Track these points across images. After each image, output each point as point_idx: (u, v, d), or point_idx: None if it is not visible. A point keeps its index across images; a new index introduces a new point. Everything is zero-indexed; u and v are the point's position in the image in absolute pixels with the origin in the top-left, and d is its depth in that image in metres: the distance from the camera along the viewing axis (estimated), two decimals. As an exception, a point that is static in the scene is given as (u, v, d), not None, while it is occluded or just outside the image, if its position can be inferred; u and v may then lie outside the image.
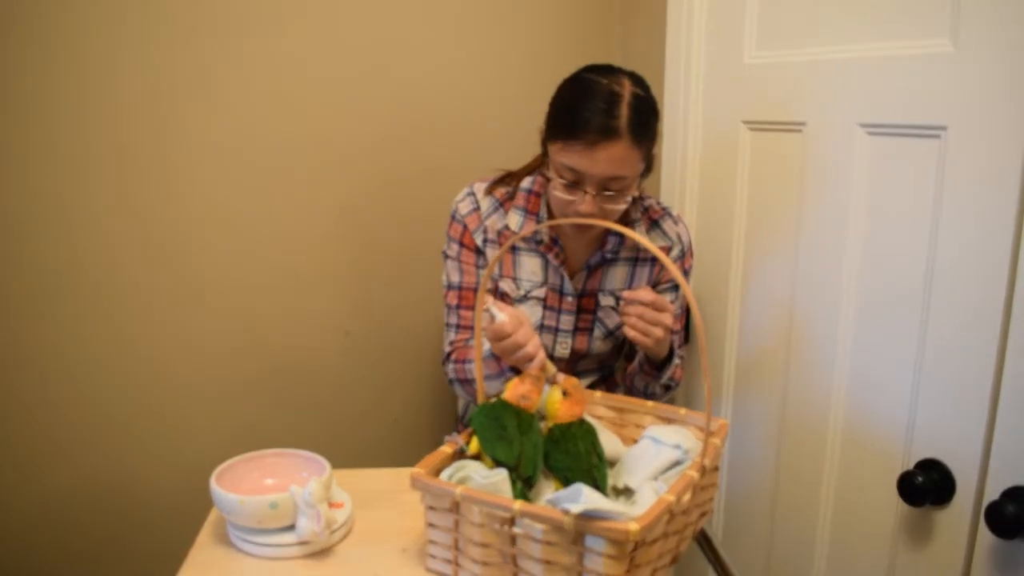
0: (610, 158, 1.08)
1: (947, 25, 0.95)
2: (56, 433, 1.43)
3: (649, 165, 1.17)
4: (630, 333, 1.15)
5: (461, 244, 1.28)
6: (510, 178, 1.29)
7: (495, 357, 1.14)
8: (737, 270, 1.39)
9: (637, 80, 1.14)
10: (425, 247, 1.62)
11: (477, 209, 1.27)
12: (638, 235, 0.88)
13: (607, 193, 1.12)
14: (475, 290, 1.28)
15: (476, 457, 0.99)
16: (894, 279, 1.05)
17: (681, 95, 1.48)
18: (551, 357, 1.29)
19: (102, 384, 1.45)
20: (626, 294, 1.16)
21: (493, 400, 1.00)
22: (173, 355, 1.49)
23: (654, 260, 1.30)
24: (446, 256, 1.30)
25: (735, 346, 1.41)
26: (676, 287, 1.31)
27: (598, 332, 1.30)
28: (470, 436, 1.01)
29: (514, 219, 1.26)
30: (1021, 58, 0.86)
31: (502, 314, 1.05)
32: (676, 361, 1.29)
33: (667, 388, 1.32)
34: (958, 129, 0.94)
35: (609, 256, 1.27)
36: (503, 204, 1.27)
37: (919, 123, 1.00)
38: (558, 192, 1.15)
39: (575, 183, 1.12)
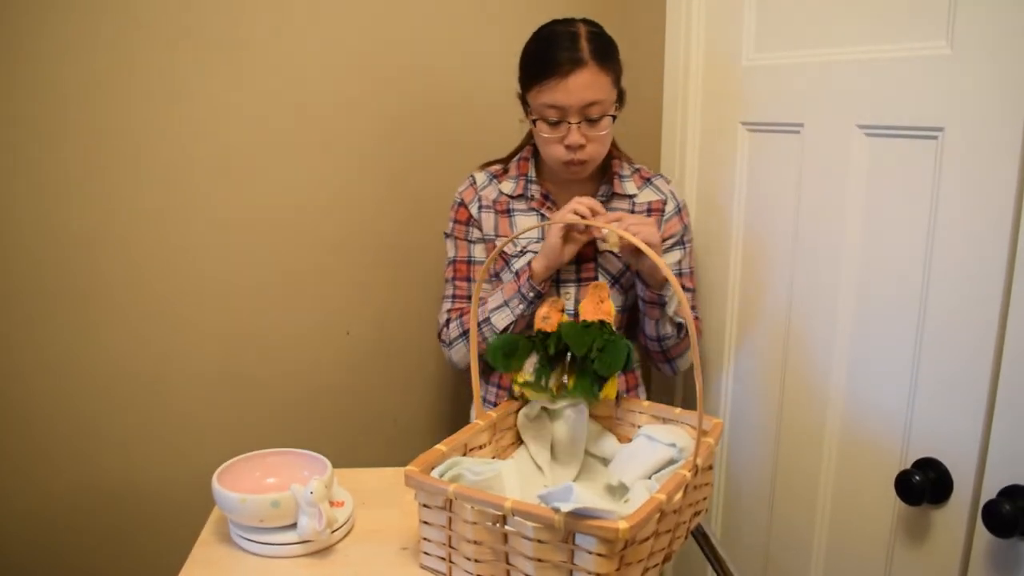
0: (583, 84, 1.20)
1: (944, 27, 0.95)
2: (60, 431, 1.44)
3: (621, 96, 1.29)
4: (624, 236, 1.00)
5: (456, 220, 1.39)
6: (503, 161, 1.41)
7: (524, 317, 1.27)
8: (735, 270, 1.39)
9: (590, 22, 1.28)
10: (426, 247, 1.63)
11: (473, 184, 1.39)
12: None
13: (589, 120, 1.23)
14: (467, 262, 1.38)
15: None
16: (891, 279, 1.05)
17: (680, 97, 1.48)
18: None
19: (105, 383, 1.46)
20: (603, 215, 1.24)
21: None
22: (175, 354, 1.50)
23: (650, 214, 1.36)
24: (446, 236, 1.40)
25: (733, 345, 1.42)
26: (677, 244, 1.37)
27: (602, 279, 1.32)
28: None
29: (507, 185, 1.36)
30: (1017, 60, 0.86)
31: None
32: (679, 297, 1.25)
33: (679, 328, 1.31)
34: (955, 131, 0.94)
35: (601, 200, 1.30)
36: (497, 176, 1.38)
37: (916, 124, 0.99)
38: (545, 133, 1.24)
39: (558, 120, 1.23)
